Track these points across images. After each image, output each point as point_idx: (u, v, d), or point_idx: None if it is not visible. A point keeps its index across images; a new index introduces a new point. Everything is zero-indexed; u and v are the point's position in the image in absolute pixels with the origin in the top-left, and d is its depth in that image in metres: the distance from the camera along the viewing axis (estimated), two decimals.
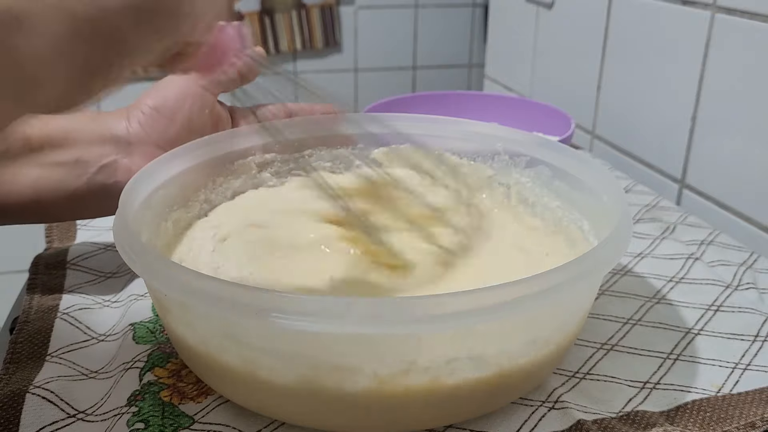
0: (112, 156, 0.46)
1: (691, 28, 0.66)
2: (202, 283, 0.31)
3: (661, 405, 0.39)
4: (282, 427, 0.37)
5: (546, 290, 0.31)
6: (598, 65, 0.83)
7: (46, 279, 0.50)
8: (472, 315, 0.30)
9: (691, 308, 0.48)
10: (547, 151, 0.49)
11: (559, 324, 0.36)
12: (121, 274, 0.51)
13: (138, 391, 0.39)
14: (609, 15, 0.80)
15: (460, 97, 0.77)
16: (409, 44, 1.41)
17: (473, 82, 1.47)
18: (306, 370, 0.32)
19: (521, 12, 1.04)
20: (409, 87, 1.45)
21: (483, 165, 0.52)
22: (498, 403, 0.37)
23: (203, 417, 0.37)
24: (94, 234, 0.58)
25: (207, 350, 0.35)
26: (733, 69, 0.62)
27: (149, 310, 0.46)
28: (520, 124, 0.71)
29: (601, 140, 0.85)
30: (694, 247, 0.57)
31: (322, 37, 1.35)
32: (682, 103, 0.68)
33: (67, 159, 0.46)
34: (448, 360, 0.32)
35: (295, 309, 0.30)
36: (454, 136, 0.53)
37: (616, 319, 0.47)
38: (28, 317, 0.46)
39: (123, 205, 0.38)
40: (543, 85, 1.00)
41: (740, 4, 0.60)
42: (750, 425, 0.37)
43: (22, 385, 0.39)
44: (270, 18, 1.30)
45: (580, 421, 0.37)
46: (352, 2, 1.35)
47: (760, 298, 0.49)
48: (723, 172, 0.65)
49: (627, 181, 0.72)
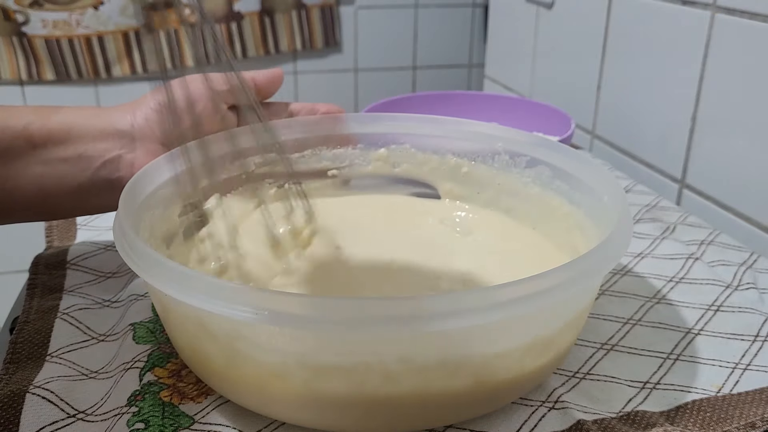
0: (116, 151, 0.46)
1: (691, 28, 0.66)
2: (203, 283, 0.31)
3: (661, 405, 0.39)
4: (282, 427, 0.37)
5: (546, 290, 0.31)
6: (598, 65, 0.83)
7: (46, 279, 0.50)
8: (471, 315, 0.30)
9: (691, 308, 0.48)
10: (547, 151, 0.49)
11: (560, 324, 0.36)
12: (121, 274, 0.51)
13: (138, 391, 0.39)
14: (609, 15, 0.80)
15: (460, 97, 0.77)
16: (409, 44, 1.41)
17: (473, 82, 1.47)
18: (306, 370, 0.32)
19: (521, 12, 1.04)
20: (409, 87, 1.45)
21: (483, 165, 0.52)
22: (498, 403, 0.37)
23: (203, 417, 0.37)
24: (94, 234, 0.58)
25: (207, 350, 0.35)
26: (733, 69, 0.62)
27: (149, 310, 0.46)
28: (520, 124, 0.71)
29: (601, 140, 0.85)
30: (694, 247, 0.57)
31: (322, 37, 1.35)
32: (682, 103, 0.68)
33: (71, 155, 0.46)
34: (448, 360, 0.32)
35: (294, 309, 0.30)
36: (454, 136, 0.53)
37: (616, 319, 0.47)
38: (28, 317, 0.46)
39: (123, 205, 0.38)
40: (543, 85, 1.00)
41: (740, 4, 0.60)
42: (750, 425, 0.37)
43: (22, 385, 0.39)
44: (270, 18, 1.30)
45: (580, 421, 0.37)
46: (352, 2, 1.35)
47: (760, 298, 0.49)
48: (723, 172, 0.65)
49: (627, 181, 0.72)
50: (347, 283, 0.44)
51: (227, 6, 1.26)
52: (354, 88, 1.41)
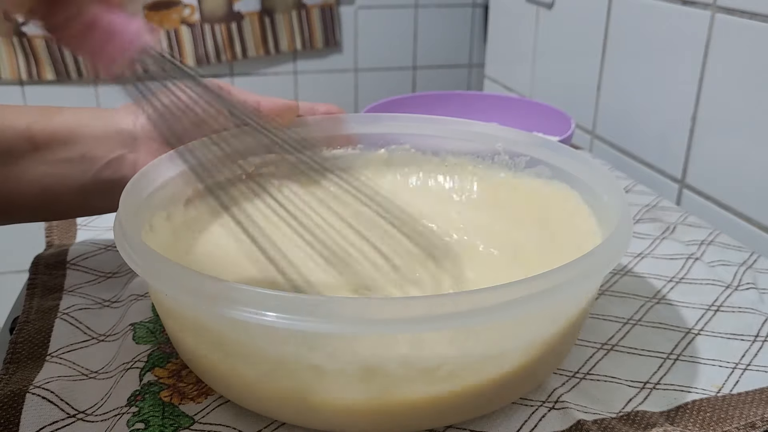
0: (119, 151, 0.46)
1: (691, 28, 0.66)
2: (203, 283, 0.31)
3: (661, 405, 0.39)
4: (282, 428, 0.37)
5: (546, 290, 0.31)
6: (598, 65, 0.83)
7: (46, 279, 0.50)
8: (472, 315, 0.30)
9: (691, 308, 0.48)
10: (547, 151, 0.49)
11: (559, 324, 0.36)
12: (121, 274, 0.51)
13: (138, 391, 0.39)
14: (609, 15, 0.80)
15: (460, 97, 0.77)
16: (409, 44, 1.41)
17: (473, 82, 1.47)
18: (305, 370, 0.32)
19: (521, 12, 1.04)
20: (409, 87, 1.45)
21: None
22: (498, 403, 0.37)
23: (203, 417, 0.37)
24: (94, 234, 0.58)
25: (207, 350, 0.35)
26: (733, 69, 0.62)
27: (149, 310, 0.46)
28: (520, 124, 0.71)
29: (601, 140, 0.85)
30: (694, 247, 0.57)
31: (322, 37, 1.34)
32: (682, 103, 0.68)
33: (73, 155, 0.46)
34: (448, 360, 0.32)
35: (294, 309, 0.30)
36: (454, 136, 0.53)
37: (616, 319, 0.47)
38: (28, 317, 0.46)
39: (123, 205, 0.38)
40: (543, 85, 1.00)
41: (740, 4, 0.60)
42: (750, 425, 0.37)
43: (22, 385, 0.39)
44: (270, 18, 1.30)
45: (580, 421, 0.37)
46: (352, 2, 1.35)
47: (760, 298, 0.49)
48: (723, 172, 0.65)
49: (627, 181, 0.72)
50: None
51: (227, 6, 1.26)
52: (354, 88, 1.41)
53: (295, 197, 0.44)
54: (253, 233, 0.38)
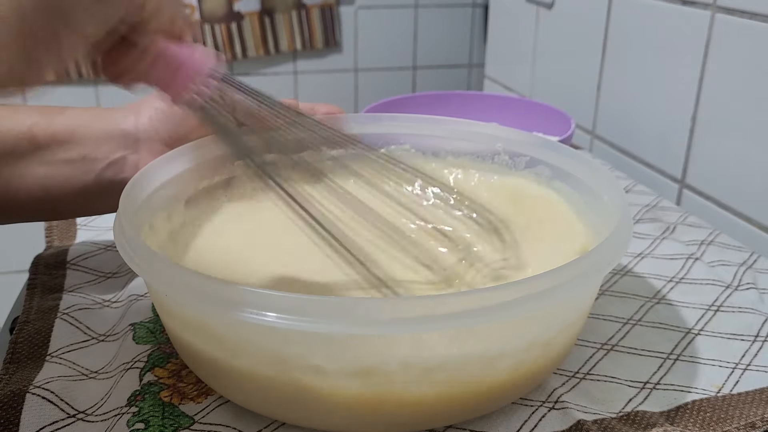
0: (120, 152, 0.47)
1: (691, 28, 0.66)
2: (203, 283, 0.31)
3: (661, 405, 0.39)
4: (282, 428, 0.37)
5: (546, 290, 0.31)
6: (598, 65, 0.83)
7: (46, 279, 0.50)
8: (472, 315, 0.30)
9: (691, 308, 0.48)
10: (547, 151, 0.49)
11: (560, 324, 0.36)
12: (121, 274, 0.51)
13: (138, 392, 0.39)
14: (609, 15, 0.80)
15: (460, 97, 0.77)
16: (409, 44, 1.41)
17: (473, 82, 1.47)
18: (305, 370, 0.32)
19: (521, 12, 1.04)
20: (409, 87, 1.45)
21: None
22: (498, 403, 0.37)
23: (203, 417, 0.37)
24: (94, 234, 0.58)
25: (207, 350, 0.35)
26: (733, 69, 0.62)
27: (149, 310, 0.46)
28: (520, 124, 0.71)
29: (601, 140, 0.85)
30: (694, 247, 0.57)
31: (322, 37, 1.34)
32: (682, 103, 0.68)
33: (75, 156, 0.46)
34: (448, 360, 0.32)
35: (295, 310, 0.30)
36: (454, 136, 0.53)
37: (616, 319, 0.47)
38: (28, 317, 0.46)
39: (123, 205, 0.38)
40: (543, 85, 1.00)
41: (740, 4, 0.60)
42: (750, 425, 0.37)
43: (22, 385, 0.39)
44: (270, 18, 1.30)
45: (580, 421, 0.37)
46: (352, 2, 1.35)
47: (760, 298, 0.49)
48: (723, 172, 0.65)
49: (627, 181, 0.72)
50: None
51: (227, 6, 1.26)
52: (354, 88, 1.41)
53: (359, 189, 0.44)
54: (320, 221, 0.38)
